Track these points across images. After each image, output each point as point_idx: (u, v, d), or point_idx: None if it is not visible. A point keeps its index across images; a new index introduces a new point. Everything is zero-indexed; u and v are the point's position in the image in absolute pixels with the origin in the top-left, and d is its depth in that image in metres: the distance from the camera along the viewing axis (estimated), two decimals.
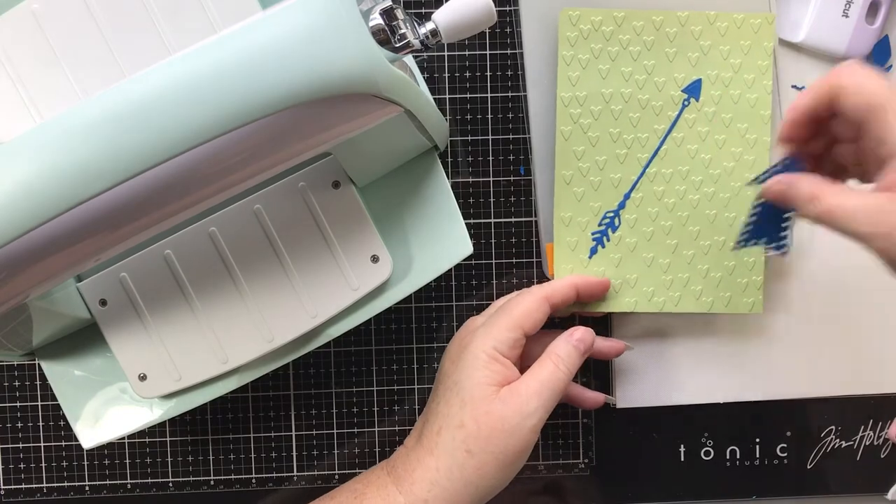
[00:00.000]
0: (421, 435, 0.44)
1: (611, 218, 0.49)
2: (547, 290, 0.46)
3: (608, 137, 0.49)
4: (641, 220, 0.49)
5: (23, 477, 0.53)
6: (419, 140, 0.45)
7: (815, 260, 0.53)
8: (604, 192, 0.49)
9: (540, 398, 0.43)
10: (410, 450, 0.44)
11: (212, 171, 0.34)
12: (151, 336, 0.44)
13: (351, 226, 0.44)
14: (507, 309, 0.45)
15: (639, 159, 0.49)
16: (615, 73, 0.49)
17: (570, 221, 0.49)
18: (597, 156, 0.49)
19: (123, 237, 0.35)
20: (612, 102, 0.49)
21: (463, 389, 0.43)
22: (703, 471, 0.54)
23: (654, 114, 0.49)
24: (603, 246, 0.50)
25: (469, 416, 0.42)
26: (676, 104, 0.49)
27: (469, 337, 0.45)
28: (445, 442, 0.43)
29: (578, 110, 0.49)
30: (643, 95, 0.49)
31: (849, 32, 0.51)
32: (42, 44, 0.42)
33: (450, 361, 0.46)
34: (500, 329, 0.44)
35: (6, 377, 0.53)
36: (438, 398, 0.45)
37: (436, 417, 0.44)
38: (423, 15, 0.49)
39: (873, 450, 0.54)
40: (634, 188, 0.49)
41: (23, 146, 0.32)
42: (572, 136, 0.49)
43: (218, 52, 0.32)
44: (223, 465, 0.54)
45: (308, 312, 0.44)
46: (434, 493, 0.42)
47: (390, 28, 0.37)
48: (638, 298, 0.50)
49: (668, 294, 0.50)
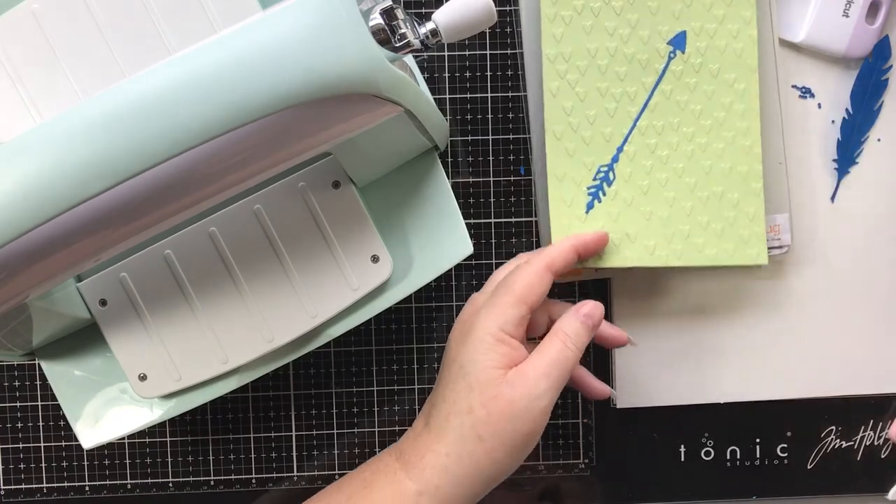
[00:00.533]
0: (429, 420, 0.44)
1: (605, 172, 0.49)
2: (547, 259, 0.45)
3: (596, 92, 0.49)
4: (636, 173, 0.49)
5: (23, 477, 0.53)
6: (419, 140, 0.45)
7: (815, 260, 0.53)
8: (596, 146, 0.49)
9: (549, 379, 0.41)
10: (419, 435, 0.44)
11: (212, 170, 0.34)
12: (151, 336, 0.44)
13: (351, 226, 0.44)
14: (508, 284, 0.44)
15: (629, 113, 0.49)
16: (599, 28, 0.48)
17: (564, 177, 0.49)
18: (586, 110, 0.49)
19: (123, 237, 0.35)
20: (598, 58, 0.49)
21: (469, 374, 0.42)
22: (703, 471, 0.54)
23: (640, 67, 0.49)
24: (599, 201, 0.49)
25: (477, 401, 0.41)
26: (662, 57, 0.49)
27: (473, 318, 0.44)
28: (454, 427, 0.42)
29: (565, 66, 0.49)
30: (628, 50, 0.49)
31: (849, 32, 0.51)
32: (42, 44, 0.42)
33: (455, 344, 0.44)
34: (504, 307, 0.43)
35: (6, 377, 0.53)
36: (445, 382, 0.44)
37: (443, 403, 0.43)
38: (423, 15, 0.49)
39: (873, 450, 0.54)
40: (626, 142, 0.49)
41: (23, 146, 0.32)
42: (560, 93, 0.49)
43: (218, 52, 0.32)
44: (223, 465, 0.54)
45: (308, 312, 0.44)
46: (445, 478, 0.41)
47: (390, 28, 0.37)
48: (639, 253, 0.49)
49: (670, 247, 0.49)
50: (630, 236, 0.49)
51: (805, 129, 0.53)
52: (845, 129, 0.53)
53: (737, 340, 0.53)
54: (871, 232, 0.53)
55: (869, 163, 0.53)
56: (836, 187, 0.53)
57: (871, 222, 0.53)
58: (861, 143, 0.53)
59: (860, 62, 0.52)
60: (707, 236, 0.49)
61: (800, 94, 0.53)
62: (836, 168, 0.53)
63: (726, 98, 0.49)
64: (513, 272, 0.45)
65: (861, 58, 0.52)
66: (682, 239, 0.49)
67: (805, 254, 0.53)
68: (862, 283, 0.53)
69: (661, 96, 0.49)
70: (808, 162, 0.53)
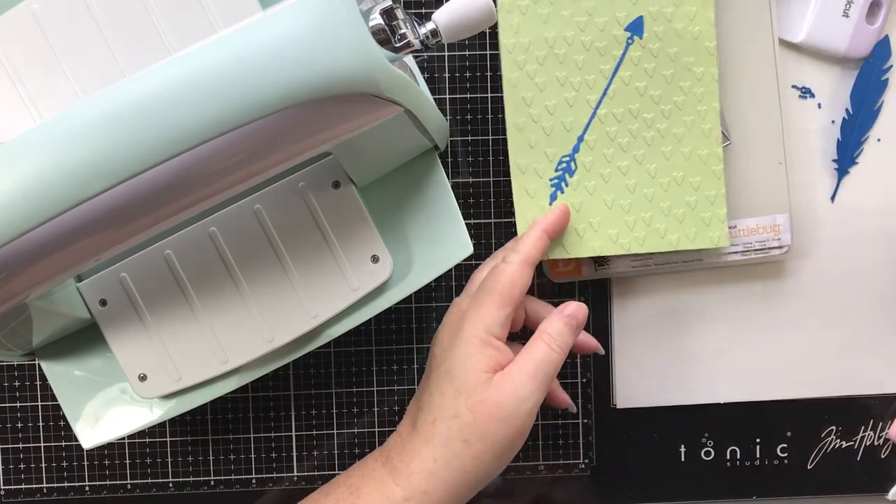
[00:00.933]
0: (415, 424, 0.44)
1: (567, 163, 0.49)
2: (523, 254, 0.45)
3: (555, 82, 0.49)
4: (597, 162, 0.49)
5: (23, 477, 0.53)
6: (419, 140, 0.45)
7: (815, 260, 0.53)
8: (556, 137, 0.49)
9: (534, 381, 0.42)
10: (406, 439, 0.44)
11: (212, 171, 0.34)
12: (151, 336, 0.44)
13: (351, 226, 0.44)
14: (489, 286, 0.44)
15: (588, 101, 0.49)
16: (555, 17, 0.48)
17: (527, 169, 0.49)
18: (546, 101, 0.49)
19: (123, 237, 0.35)
20: (556, 46, 0.48)
21: (456, 378, 0.42)
22: (703, 471, 0.54)
23: (598, 55, 0.49)
24: (562, 191, 0.49)
25: (464, 405, 0.42)
26: (620, 43, 0.49)
27: (458, 322, 0.44)
28: (441, 432, 0.42)
29: (523, 56, 0.48)
30: (586, 37, 0.49)
31: (849, 32, 0.51)
32: (42, 44, 0.42)
33: (440, 349, 0.45)
34: (489, 309, 0.43)
35: (6, 377, 0.53)
36: (431, 387, 0.44)
37: (430, 407, 0.43)
38: (423, 15, 0.49)
39: (873, 450, 0.54)
40: (587, 131, 0.49)
41: (23, 146, 0.32)
42: (519, 83, 0.49)
43: (218, 52, 0.32)
44: (223, 465, 0.54)
45: (308, 312, 0.44)
46: (432, 483, 0.42)
47: (390, 28, 0.37)
48: (603, 242, 0.50)
49: (632, 235, 0.50)
50: (593, 225, 0.49)
51: (805, 129, 0.53)
52: (845, 129, 0.53)
53: (737, 340, 0.53)
54: (871, 232, 0.53)
55: (869, 163, 0.53)
56: (836, 187, 0.53)
57: (870, 222, 0.53)
58: (861, 143, 0.53)
59: (860, 62, 0.52)
60: (669, 222, 0.50)
61: (800, 94, 0.53)
62: (836, 168, 0.53)
63: (685, 82, 0.49)
64: (493, 272, 0.45)
65: (861, 58, 0.52)
66: (644, 225, 0.49)
67: (805, 254, 0.53)
68: (862, 283, 0.53)
69: (620, 83, 0.49)
70: (808, 162, 0.53)
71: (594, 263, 0.52)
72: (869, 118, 0.53)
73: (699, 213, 0.49)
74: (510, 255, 0.45)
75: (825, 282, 0.53)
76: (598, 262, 0.52)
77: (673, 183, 0.49)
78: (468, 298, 0.45)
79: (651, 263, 0.52)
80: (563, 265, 0.53)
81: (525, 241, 0.46)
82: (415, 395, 0.46)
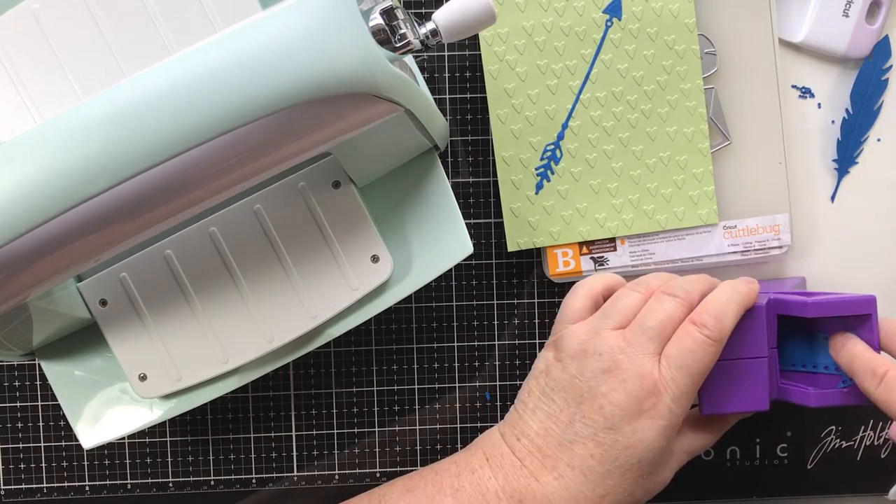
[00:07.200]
0: (543, 449, 0.42)
1: (552, 150, 0.49)
2: (726, 333, 0.42)
3: (536, 70, 0.49)
4: (583, 147, 0.49)
5: (23, 477, 0.53)
6: (419, 140, 0.45)
7: (815, 260, 0.53)
8: (541, 125, 0.49)
9: (676, 410, 0.41)
10: (527, 471, 0.42)
11: (212, 171, 0.34)
12: (151, 336, 0.44)
13: (351, 226, 0.44)
14: (687, 366, 0.41)
15: (570, 87, 0.49)
16: (533, 4, 0.48)
17: (512, 160, 0.49)
18: (528, 90, 0.49)
19: (123, 237, 0.35)
20: (535, 34, 0.48)
21: (617, 422, 0.40)
22: (703, 471, 0.54)
23: (578, 39, 0.49)
24: (548, 180, 0.49)
25: (610, 439, 0.41)
26: (600, 26, 0.49)
27: (644, 391, 0.40)
28: (580, 459, 0.41)
29: (503, 47, 0.48)
30: (565, 23, 0.49)
31: (849, 32, 0.51)
32: (42, 44, 0.42)
33: (591, 373, 0.41)
34: (689, 399, 0.41)
35: (6, 377, 0.53)
36: (576, 409, 0.41)
37: (571, 435, 0.41)
38: (423, 15, 0.49)
39: (873, 450, 0.54)
40: (571, 117, 0.49)
41: (23, 146, 0.32)
42: (500, 75, 0.49)
43: (218, 52, 0.32)
44: (223, 465, 0.54)
45: (308, 312, 0.44)
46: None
47: (390, 28, 0.37)
48: (590, 227, 0.50)
49: (620, 218, 0.50)
50: (580, 211, 0.50)
51: (805, 129, 0.53)
52: (845, 129, 0.53)
53: None
54: (871, 232, 0.53)
55: (869, 163, 0.53)
56: (836, 187, 0.53)
57: (870, 222, 0.53)
58: (861, 143, 0.53)
59: (860, 62, 0.52)
60: (656, 202, 0.50)
61: (800, 94, 0.53)
62: (836, 168, 0.53)
63: (667, 60, 0.49)
64: (694, 347, 0.41)
65: (861, 58, 0.52)
66: (631, 208, 0.50)
67: (805, 254, 0.53)
68: (861, 283, 0.53)
69: (602, 66, 0.49)
70: (808, 162, 0.53)
71: (594, 263, 0.52)
72: (869, 118, 0.53)
73: (687, 192, 0.50)
74: (710, 322, 0.41)
75: (825, 282, 0.53)
76: (598, 262, 0.52)
77: (659, 163, 0.49)
78: (622, 337, 0.41)
79: (651, 262, 0.52)
80: (562, 265, 0.53)
81: (727, 319, 0.41)
82: (529, 408, 0.43)
